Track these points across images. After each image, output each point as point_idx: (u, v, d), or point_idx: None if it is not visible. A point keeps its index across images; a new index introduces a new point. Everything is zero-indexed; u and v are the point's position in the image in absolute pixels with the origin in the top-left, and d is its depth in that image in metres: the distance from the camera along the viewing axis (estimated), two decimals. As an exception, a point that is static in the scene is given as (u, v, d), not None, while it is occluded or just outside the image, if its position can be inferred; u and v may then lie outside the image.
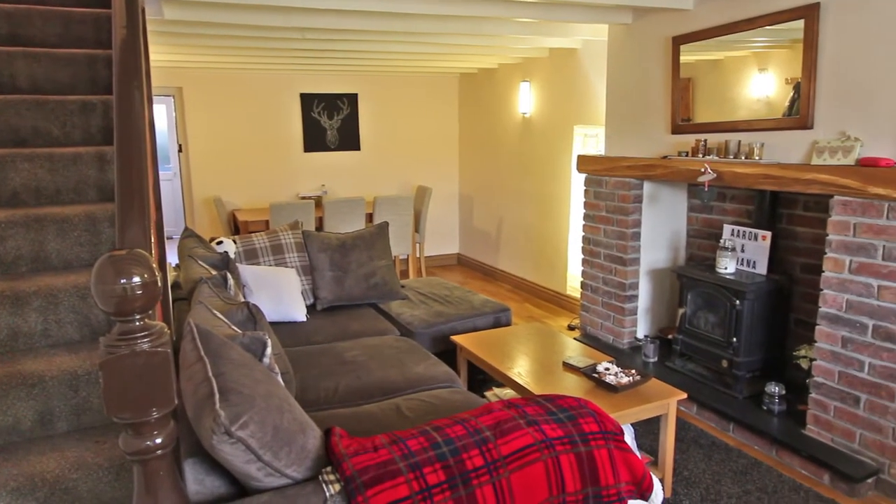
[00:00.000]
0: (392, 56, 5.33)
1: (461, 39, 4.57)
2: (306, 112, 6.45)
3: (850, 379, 2.65)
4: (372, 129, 6.80)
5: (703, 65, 3.44)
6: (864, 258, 2.56)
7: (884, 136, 2.55)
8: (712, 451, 2.93)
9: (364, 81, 6.66)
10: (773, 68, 3.03)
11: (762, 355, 3.25)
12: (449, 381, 2.70)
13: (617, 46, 4.06)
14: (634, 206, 3.90)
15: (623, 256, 3.99)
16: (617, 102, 4.11)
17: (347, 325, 3.45)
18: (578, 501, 1.44)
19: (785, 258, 3.37)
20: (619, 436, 1.53)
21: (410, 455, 1.39)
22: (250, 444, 1.32)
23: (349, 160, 6.76)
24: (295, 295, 3.45)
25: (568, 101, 5.16)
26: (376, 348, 3.01)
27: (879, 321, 2.53)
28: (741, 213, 3.63)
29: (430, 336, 3.49)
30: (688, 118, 3.55)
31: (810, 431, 2.84)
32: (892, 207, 2.44)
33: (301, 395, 2.55)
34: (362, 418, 2.25)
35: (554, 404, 1.58)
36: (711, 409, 3.19)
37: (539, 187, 5.69)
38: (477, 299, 3.89)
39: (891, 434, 2.52)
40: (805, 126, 2.86)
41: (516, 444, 1.43)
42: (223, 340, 1.54)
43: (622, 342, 4.08)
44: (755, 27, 3.05)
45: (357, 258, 3.85)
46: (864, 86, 2.61)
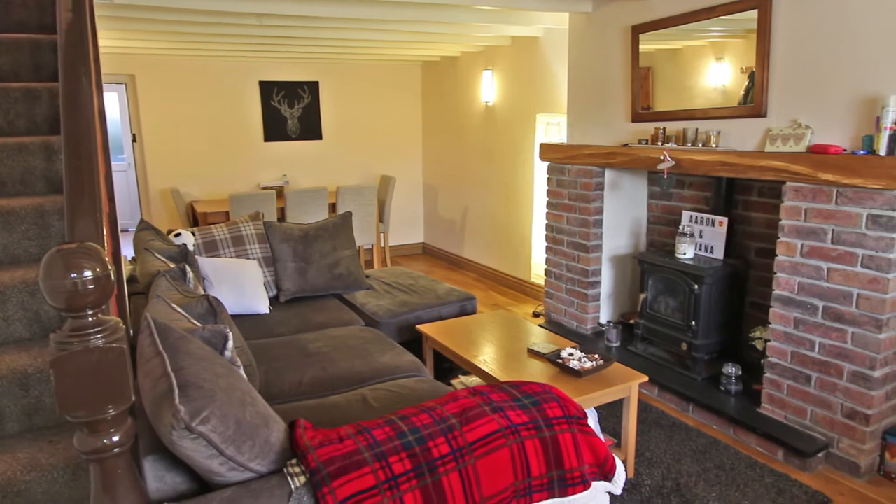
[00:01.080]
0: (353, 43, 5.26)
1: (423, 27, 4.54)
2: (266, 100, 6.32)
3: (802, 358, 2.76)
4: (334, 117, 6.70)
5: (663, 54, 3.49)
6: (814, 242, 2.66)
7: (833, 124, 2.64)
8: (673, 431, 3.01)
9: (325, 69, 6.56)
10: (730, 58, 3.10)
11: (720, 338, 3.35)
12: (415, 371, 2.70)
13: (578, 35, 4.09)
14: (596, 193, 3.96)
15: (586, 243, 4.04)
16: (578, 91, 4.14)
17: (311, 317, 3.41)
18: (543, 485, 1.46)
19: (741, 243, 3.47)
20: (583, 420, 1.56)
21: (376, 445, 1.38)
22: (212, 439, 1.29)
23: (311, 149, 6.66)
24: (257, 287, 3.39)
25: (530, 89, 5.18)
26: (341, 339, 2.99)
27: (829, 302, 2.62)
28: (699, 200, 3.71)
29: (396, 326, 3.48)
30: (648, 106, 3.61)
31: (765, 410, 2.95)
32: (841, 193, 2.54)
33: (265, 388, 2.52)
34: (328, 410, 2.23)
35: (519, 390, 1.60)
36: (672, 391, 3.28)
37: (503, 176, 5.72)
38: (442, 288, 3.90)
39: (839, 410, 2.63)
40: (759, 114, 2.94)
41: (482, 430, 1.44)
42: (182, 334, 1.51)
43: (586, 328, 4.14)
44: (712, 17, 3.10)
45: (320, 249, 3.80)
46: (814, 75, 2.69)
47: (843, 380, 2.60)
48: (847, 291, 2.55)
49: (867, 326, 2.49)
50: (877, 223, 2.43)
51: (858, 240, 2.50)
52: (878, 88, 2.46)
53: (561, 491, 1.48)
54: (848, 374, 2.58)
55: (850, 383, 2.58)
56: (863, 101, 2.52)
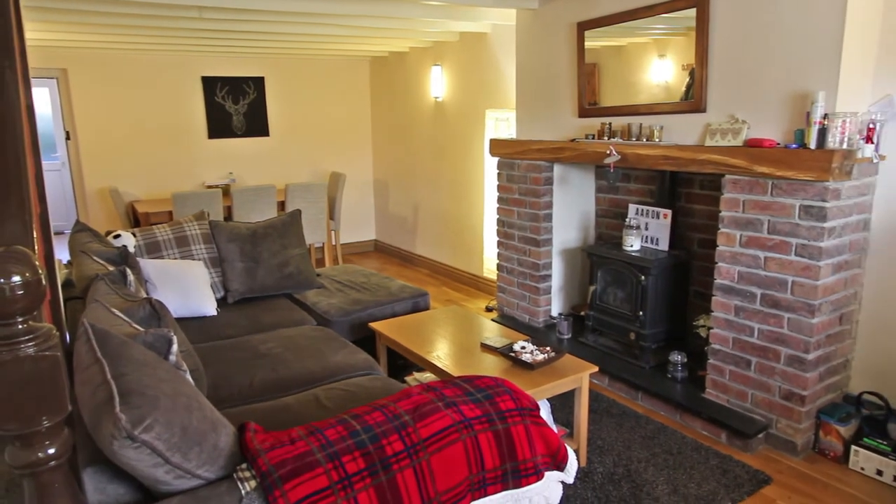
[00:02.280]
0: (300, 38, 5.16)
1: (371, 22, 4.49)
2: (209, 96, 6.13)
3: (743, 344, 2.87)
4: (281, 114, 6.57)
5: (608, 50, 3.56)
6: (752, 232, 2.77)
7: (767, 119, 2.76)
8: (623, 419, 3.09)
9: (271, 64, 6.41)
10: (672, 55, 3.19)
11: (666, 327, 3.46)
12: (368, 369, 2.68)
13: (525, 31, 4.13)
14: (545, 188, 4.01)
15: (536, 237, 4.10)
16: (526, 86, 4.18)
17: (261, 317, 3.34)
18: (497, 477, 1.47)
19: (684, 234, 3.58)
20: (535, 411, 1.58)
21: (329, 445, 1.37)
22: (156, 447, 1.25)
23: (258, 146, 6.51)
24: (203, 288, 3.29)
25: (479, 85, 5.21)
26: (292, 339, 2.94)
27: (766, 290, 2.74)
28: (644, 193, 3.81)
29: (349, 324, 3.45)
30: (594, 102, 3.68)
31: (709, 395, 3.06)
32: (776, 185, 2.65)
33: (213, 392, 2.45)
34: (279, 412, 2.19)
35: (472, 385, 1.61)
36: (621, 380, 3.36)
37: (454, 171, 5.73)
38: (394, 285, 3.88)
39: (777, 392, 2.76)
40: (699, 109, 3.03)
41: (435, 426, 1.44)
42: (123, 340, 1.45)
43: (538, 321, 4.20)
44: (654, 14, 3.19)
45: (269, 248, 3.72)
46: (750, 72, 2.80)
47: (781, 363, 2.73)
48: (782, 279, 2.67)
49: (801, 312, 2.62)
50: (808, 213, 2.55)
51: (792, 229, 2.62)
52: (808, 85, 2.58)
53: (515, 482, 1.50)
54: (784, 358, 2.71)
55: (787, 366, 2.70)
56: (794, 96, 2.64)
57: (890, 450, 2.55)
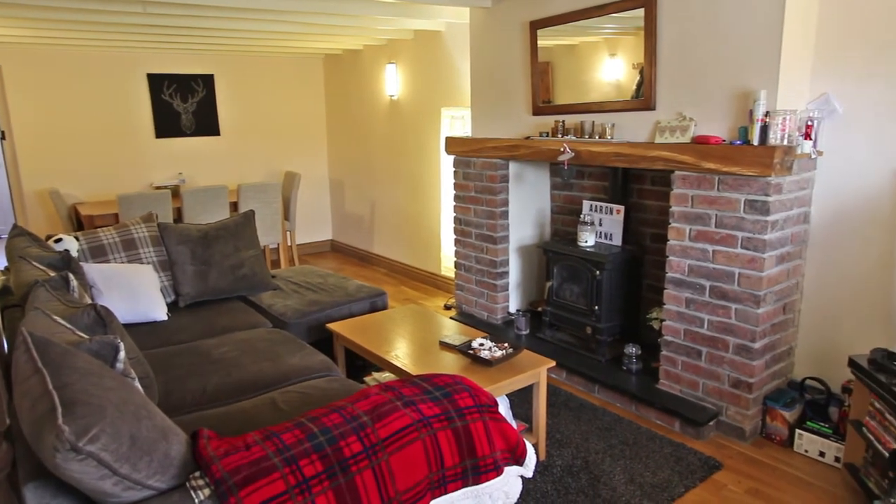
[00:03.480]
0: (250, 35, 5.05)
1: (323, 19, 4.43)
2: (155, 94, 5.94)
3: (693, 335, 2.96)
4: (232, 112, 6.41)
5: (561, 49, 3.61)
6: (700, 226, 2.85)
7: (713, 117, 2.85)
8: (580, 412, 3.15)
9: (220, 62, 6.25)
10: (622, 54, 3.26)
11: (621, 320, 3.53)
12: (326, 370, 2.65)
13: (478, 29, 4.15)
14: (501, 185, 4.04)
15: (493, 235, 4.13)
16: (481, 85, 4.20)
17: (215, 321, 3.26)
18: (457, 474, 1.47)
19: (637, 229, 3.67)
20: (493, 408, 1.59)
21: (285, 449, 1.34)
22: (103, 458, 1.20)
23: (208, 146, 6.34)
24: (152, 293, 3.19)
25: (434, 83, 5.21)
26: (247, 342, 2.88)
27: (715, 282, 2.83)
28: (598, 190, 3.89)
29: (305, 326, 3.40)
30: (548, 100, 3.72)
31: (662, 385, 3.14)
32: (722, 180, 2.74)
33: (165, 399, 2.37)
34: (235, 417, 2.14)
35: (430, 383, 1.60)
36: (578, 374, 3.42)
37: (410, 170, 5.71)
38: (352, 285, 3.84)
39: (727, 381, 2.85)
40: (649, 107, 3.11)
41: (394, 426, 1.43)
42: (65, 348, 1.39)
43: (496, 317, 4.23)
44: (604, 14, 3.24)
45: (221, 250, 3.63)
46: (696, 71, 2.89)
47: (729, 352, 2.82)
48: (730, 271, 2.76)
49: (747, 302, 2.72)
50: (753, 207, 2.64)
51: (738, 223, 2.71)
52: (751, 84, 2.67)
53: (475, 479, 1.50)
54: (733, 347, 2.80)
55: (735, 355, 2.80)
56: (738, 95, 2.73)
57: (831, 432, 2.68)
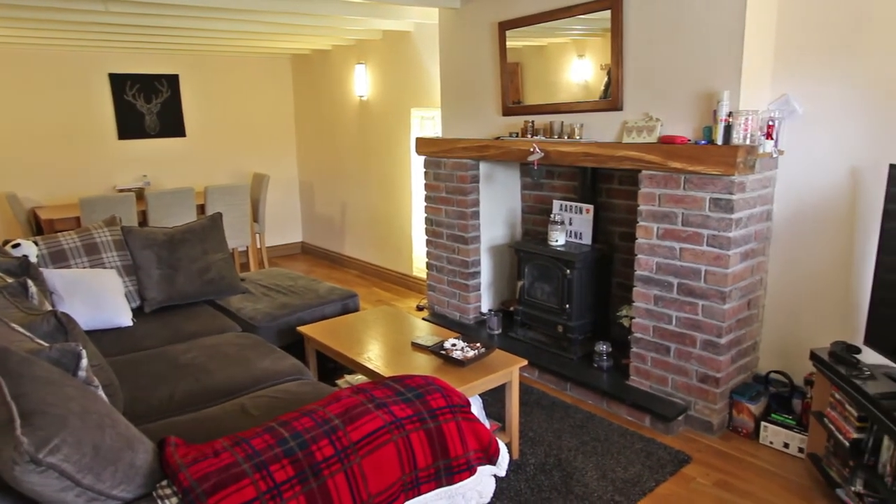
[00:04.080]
0: (216, 35, 4.96)
1: (291, 19, 4.38)
2: (118, 95, 5.79)
3: (662, 332, 3.01)
4: (198, 113, 6.30)
5: (530, 50, 3.64)
6: (667, 225, 2.90)
7: (679, 117, 2.90)
8: (553, 410, 3.17)
9: (186, 62, 6.13)
10: (590, 55, 3.29)
11: (591, 318, 3.57)
12: (297, 374, 2.62)
13: (448, 30, 4.15)
14: (472, 185, 4.05)
15: (464, 235, 4.13)
16: (451, 85, 4.21)
17: (182, 326, 3.20)
18: (430, 475, 1.47)
19: (606, 228, 3.71)
20: (466, 408, 1.59)
21: (255, 455, 1.32)
22: (65, 470, 1.17)
23: (174, 147, 6.21)
24: (117, 298, 3.11)
25: (404, 83, 5.19)
26: (216, 347, 2.83)
27: (682, 279, 2.88)
28: (568, 189, 3.92)
29: (276, 329, 3.35)
30: (518, 101, 3.74)
31: (633, 382, 3.18)
32: (688, 179, 2.79)
33: (131, 407, 2.32)
34: (203, 424, 2.10)
35: (402, 384, 1.60)
36: (550, 372, 3.45)
37: (380, 170, 5.69)
38: (323, 287, 3.81)
39: (694, 376, 2.91)
40: (616, 108, 3.15)
41: (366, 428, 1.42)
42: (24, 357, 1.34)
43: (468, 318, 4.24)
44: (572, 15, 3.28)
45: (188, 253, 3.56)
46: (661, 72, 2.94)
47: (697, 348, 2.88)
48: (696, 268, 2.82)
49: (714, 299, 2.77)
50: (717, 205, 2.70)
51: (703, 221, 2.76)
52: (714, 85, 2.73)
53: (448, 479, 1.50)
54: (700, 343, 2.86)
55: (703, 351, 2.85)
56: (702, 96, 2.78)
57: (794, 423, 2.75)
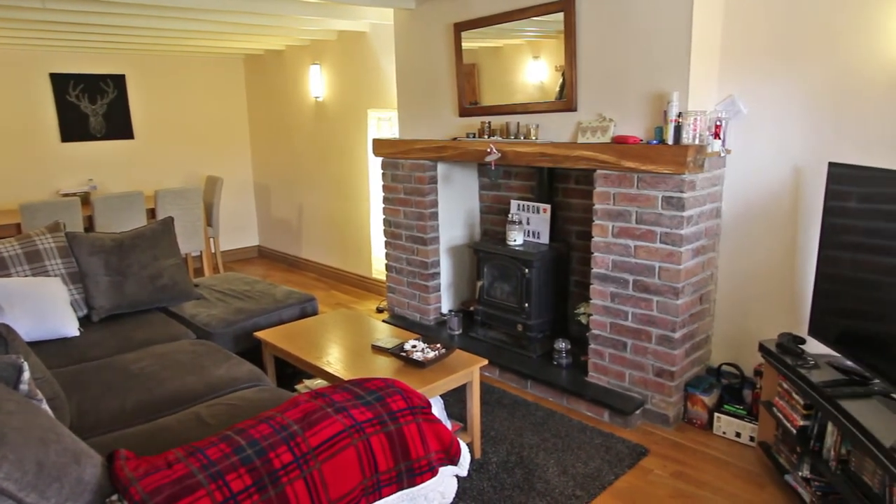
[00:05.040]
0: (164, 33, 4.82)
1: (242, 18, 4.29)
2: (60, 95, 5.56)
3: (619, 328, 3.07)
4: (147, 114, 6.11)
5: (486, 51, 3.66)
6: (622, 223, 2.96)
7: (631, 117, 2.96)
8: (514, 408, 3.19)
9: (132, 61, 5.94)
10: (545, 56, 3.33)
11: (550, 316, 3.61)
12: (255, 380, 2.56)
13: (403, 31, 4.14)
14: (430, 186, 4.05)
15: (423, 236, 4.13)
16: (407, 86, 4.20)
17: (132, 334, 3.09)
18: (392, 478, 1.46)
19: (563, 227, 3.76)
20: (427, 409, 1.58)
21: (211, 465, 1.28)
22: (6, 488, 1.11)
23: (121, 150, 6.00)
24: (62, 307, 2.98)
25: (360, 84, 5.15)
26: (169, 355, 2.74)
27: (637, 276, 2.95)
28: (525, 189, 3.96)
29: (232, 335, 3.28)
30: (475, 101, 3.76)
31: (591, 378, 3.24)
32: (641, 178, 2.85)
33: (79, 420, 2.22)
34: (156, 435, 2.03)
35: (362, 388, 1.58)
36: (511, 371, 3.47)
37: (337, 172, 5.63)
38: (280, 291, 3.74)
39: (650, 370, 2.97)
40: (571, 108, 3.20)
41: (326, 433, 1.40)
42: (-42, 370, 1.27)
43: (429, 319, 4.23)
44: (526, 17, 3.31)
45: (138, 259, 3.45)
46: (614, 73, 2.99)
47: (652, 343, 2.94)
48: (650, 265, 2.88)
49: (668, 294, 2.84)
50: (669, 203, 2.77)
51: (656, 219, 2.83)
52: (664, 86, 2.80)
53: (409, 481, 1.49)
54: (655, 338, 2.93)
55: (658, 346, 2.92)
56: (653, 96, 2.85)
57: (746, 413, 2.84)
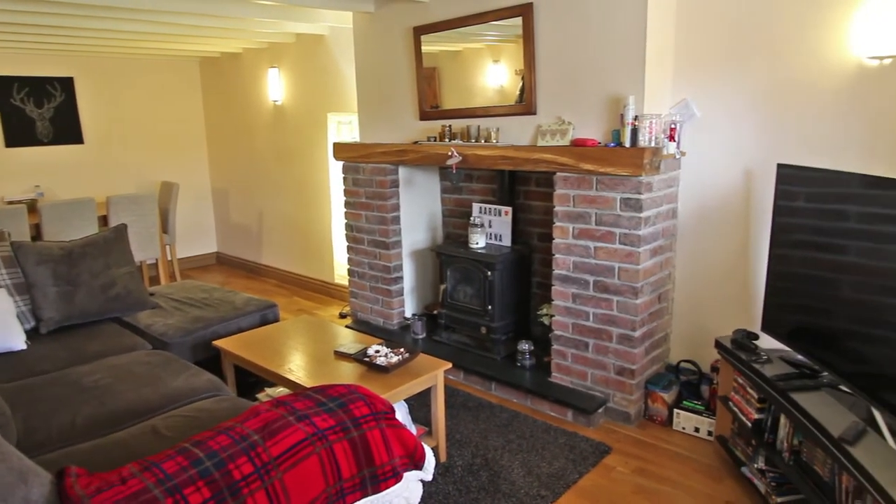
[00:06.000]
0: (115, 35, 4.67)
1: (196, 20, 4.20)
2: (4, 99, 5.34)
3: (581, 328, 3.11)
4: (97, 118, 5.91)
5: (446, 55, 3.67)
6: (582, 224, 3.00)
7: (589, 120, 3.01)
8: (479, 411, 3.20)
9: (82, 64, 5.74)
10: (505, 60, 3.36)
11: (513, 318, 3.64)
12: (214, 391, 2.50)
13: (362, 34, 4.11)
14: (392, 190, 4.03)
15: (386, 240, 4.10)
16: (368, 90, 4.17)
17: (84, 347, 2.98)
18: (356, 485, 1.44)
19: (525, 230, 3.80)
20: (390, 414, 1.57)
21: (167, 479, 1.24)
22: (-56, 512, 1.05)
23: (70, 155, 5.80)
24: (7, 319, 2.85)
25: (320, 88, 5.10)
26: (124, 367, 2.65)
27: (598, 277, 2.99)
28: (487, 192, 3.98)
29: (190, 345, 3.19)
30: (436, 105, 3.76)
31: (555, 378, 3.27)
32: (600, 180, 2.90)
33: (26, 437, 2.13)
34: (110, 449, 1.96)
35: (324, 395, 1.55)
36: (475, 373, 3.48)
37: (298, 177, 5.55)
38: (240, 299, 3.66)
39: (612, 369, 3.02)
40: (530, 112, 3.23)
41: (287, 442, 1.37)
42: None
43: (392, 323, 4.21)
44: (484, 22, 3.33)
45: (90, 268, 3.33)
46: (572, 77, 3.04)
47: (613, 342, 2.99)
48: (610, 266, 2.93)
49: (627, 294, 2.89)
50: (628, 205, 2.82)
51: (615, 220, 2.88)
52: (620, 90, 2.85)
53: (374, 488, 1.47)
54: (616, 337, 2.97)
55: (619, 345, 2.97)
56: (610, 100, 2.91)
57: (703, 409, 2.91)
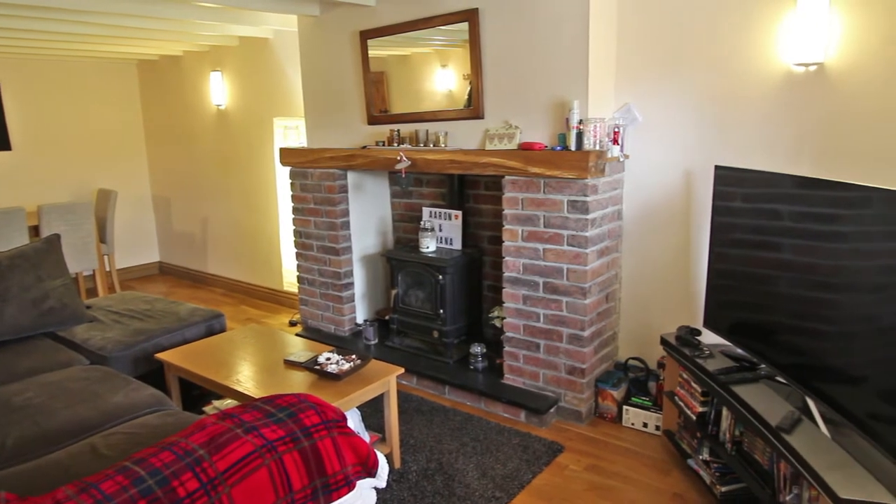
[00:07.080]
0: (44, 36, 4.46)
1: (134, 21, 4.05)
2: (-77, 102, 5.02)
3: (532, 330, 3.15)
4: (26, 124, 5.62)
5: (394, 59, 3.65)
6: (531, 227, 3.04)
7: (536, 124, 3.06)
8: (433, 415, 3.19)
9: (8, 66, 5.45)
10: (453, 65, 3.37)
11: (465, 321, 3.65)
12: (157, 405, 2.41)
13: (308, 38, 4.06)
14: (341, 196, 3.99)
15: (335, 246, 4.05)
16: (314, 94, 4.12)
17: (15, 364, 2.82)
18: (307, 496, 1.41)
19: (475, 233, 3.82)
20: (342, 422, 1.54)
21: (106, 500, 1.18)
22: None
23: (-3, 162, 5.49)
24: (-72, 337, 2.67)
25: (265, 92, 5.00)
26: (58, 384, 2.52)
27: (547, 278, 3.04)
28: (436, 196, 3.99)
29: (131, 358, 3.07)
30: (385, 109, 3.74)
31: (507, 380, 3.29)
32: (547, 183, 2.95)
33: (-50, 462, 2.00)
34: (45, 472, 1.86)
35: (273, 405, 1.52)
36: (428, 377, 3.47)
37: (243, 183, 5.43)
38: (184, 309, 3.54)
39: (563, 369, 3.07)
40: (478, 116, 3.26)
41: (235, 455, 1.33)
42: None
43: (343, 329, 4.16)
44: (431, 26, 3.34)
45: (20, 281, 3.15)
46: (518, 82, 3.08)
47: (563, 342, 3.04)
48: (559, 267, 2.98)
49: (576, 295, 2.95)
50: (574, 207, 2.88)
51: (563, 222, 2.93)
52: (565, 94, 2.91)
53: (326, 498, 1.44)
54: (566, 338, 3.02)
55: (569, 345, 3.02)
56: (555, 104, 2.96)
57: (651, 404, 2.99)
